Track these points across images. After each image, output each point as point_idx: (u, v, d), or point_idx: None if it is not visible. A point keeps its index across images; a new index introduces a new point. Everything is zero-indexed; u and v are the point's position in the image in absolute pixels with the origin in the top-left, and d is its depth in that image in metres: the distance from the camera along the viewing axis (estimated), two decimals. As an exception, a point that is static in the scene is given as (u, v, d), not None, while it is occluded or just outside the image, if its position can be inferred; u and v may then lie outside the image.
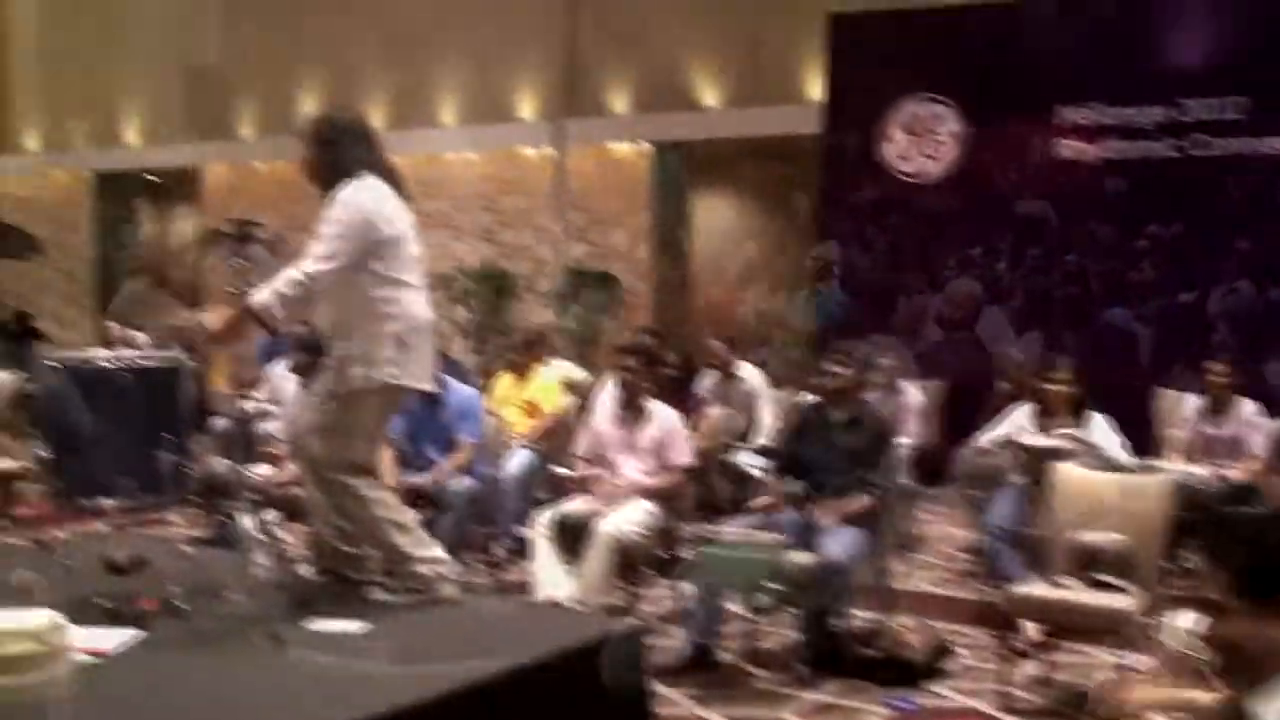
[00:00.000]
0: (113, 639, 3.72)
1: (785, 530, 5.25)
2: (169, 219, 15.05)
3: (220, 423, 8.96)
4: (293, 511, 7.01)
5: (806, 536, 5.27)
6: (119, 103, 14.89)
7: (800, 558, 5.11)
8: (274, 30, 13.31)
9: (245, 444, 8.74)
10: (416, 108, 12.37)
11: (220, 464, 6.47)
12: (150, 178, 14.79)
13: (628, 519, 5.81)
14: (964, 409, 7.90)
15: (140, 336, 9.76)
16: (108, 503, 3.83)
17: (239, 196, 13.21)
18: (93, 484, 3.83)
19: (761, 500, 5.68)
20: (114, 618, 3.86)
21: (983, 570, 6.38)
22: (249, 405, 9.16)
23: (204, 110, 14.05)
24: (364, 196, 4.27)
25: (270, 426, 8.13)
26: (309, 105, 13.26)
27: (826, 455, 5.58)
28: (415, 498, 6.06)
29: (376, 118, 12.73)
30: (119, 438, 3.83)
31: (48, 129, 15.59)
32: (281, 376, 9.56)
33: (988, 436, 6.62)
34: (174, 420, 3.94)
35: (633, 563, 5.85)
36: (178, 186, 14.57)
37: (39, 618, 3.29)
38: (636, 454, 6.13)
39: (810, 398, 6.27)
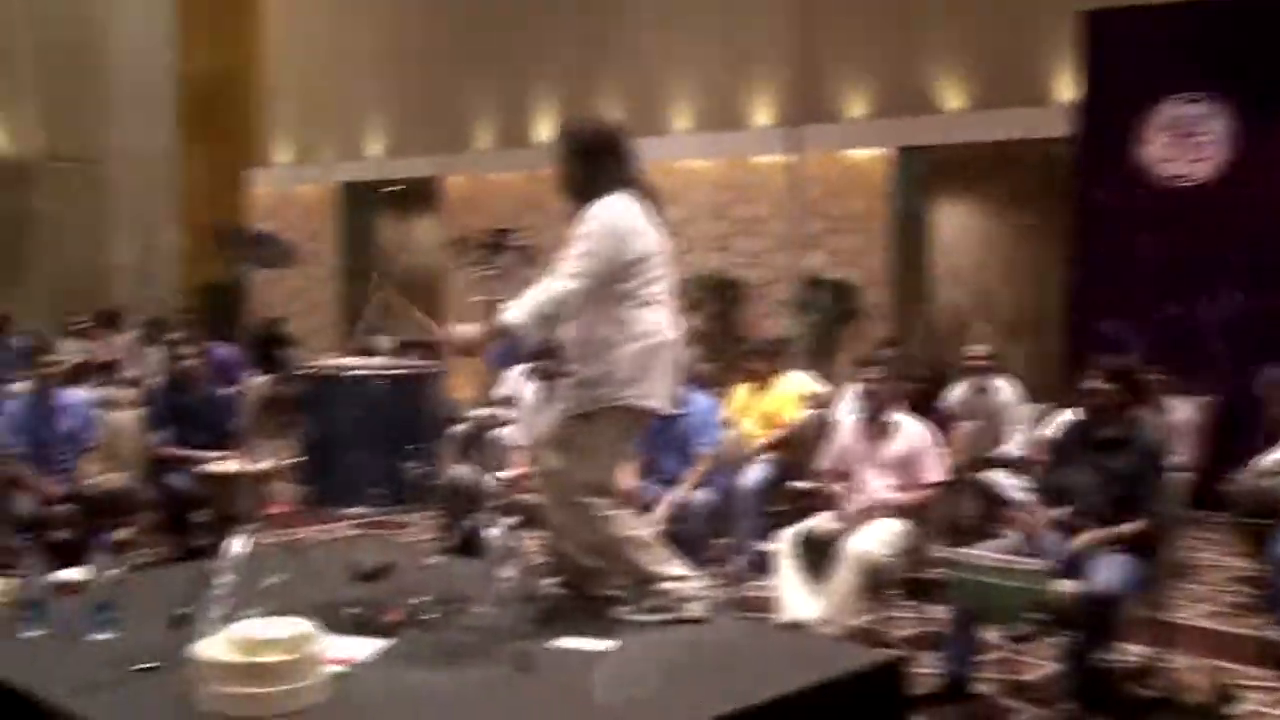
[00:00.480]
0: (361, 649, 3.68)
1: (1048, 556, 4.90)
2: (410, 228, 15.44)
3: (460, 428, 9.06)
4: (531, 518, 7.03)
5: (1072, 564, 4.90)
6: (364, 117, 15.35)
7: (1066, 586, 4.75)
8: (509, 43, 13.49)
9: (485, 449, 8.83)
10: (650, 116, 12.32)
11: (462, 471, 6.48)
12: (392, 188, 15.18)
13: (875, 537, 5.55)
14: (1238, 429, 7.31)
15: (386, 344, 9.95)
16: (356, 510, 3.79)
17: (475, 207, 13.43)
18: (341, 491, 3.80)
19: (1021, 522, 5.32)
20: (361, 627, 3.83)
21: (1264, 605, 5.86)
22: (487, 410, 9.25)
23: (444, 123, 14.35)
24: (615, 214, 4.16)
25: (508, 431, 8.14)
26: (543, 116, 13.41)
27: (1092, 477, 5.18)
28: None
29: (611, 126, 12.76)
30: (368, 445, 3.78)
31: (298, 143, 16.22)
32: (520, 380, 9.63)
33: (1269, 458, 6.09)
34: (422, 428, 3.88)
35: (880, 584, 5.58)
36: (418, 197, 14.92)
37: (293, 627, 3.26)
38: (882, 469, 5.86)
39: (1071, 414, 5.87)
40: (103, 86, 16.19)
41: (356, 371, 3.85)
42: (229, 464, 6.73)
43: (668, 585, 4.19)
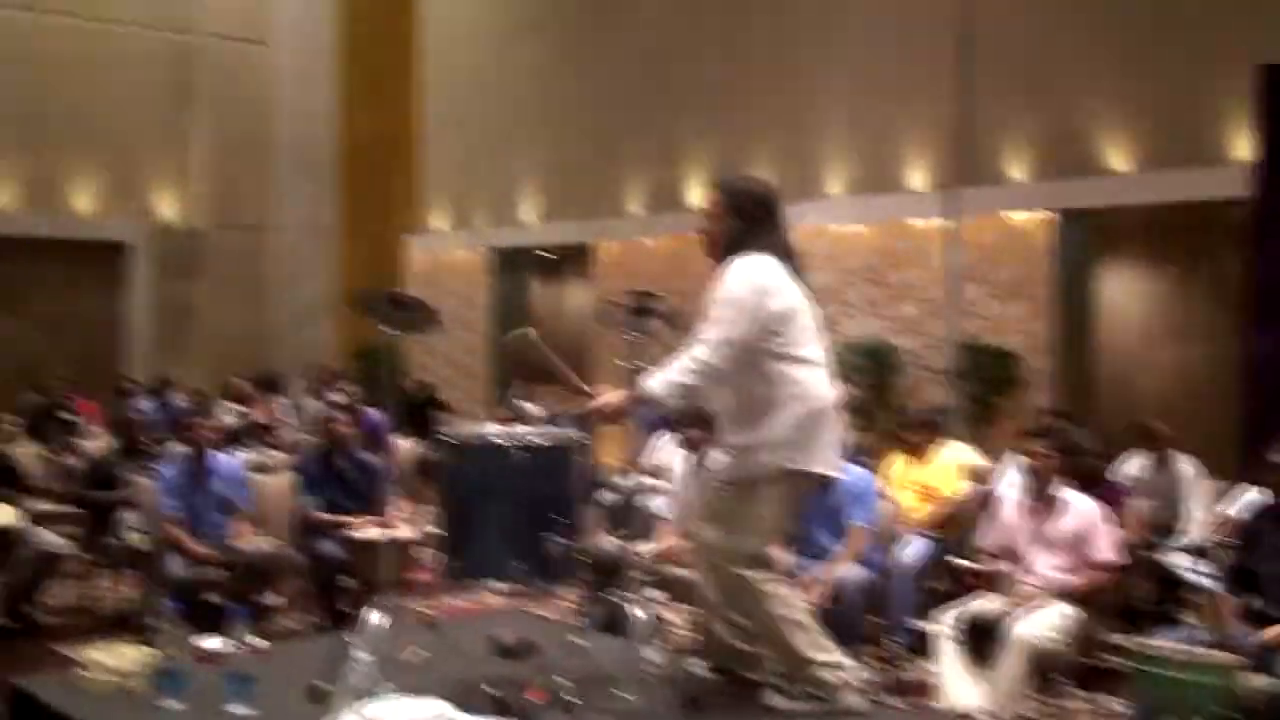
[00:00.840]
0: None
1: (1237, 648, 4.53)
2: (563, 294, 15.50)
3: (607, 497, 8.93)
4: (680, 594, 6.83)
5: (1264, 658, 4.52)
6: (518, 182, 15.51)
7: (1258, 682, 4.38)
8: (662, 108, 13.50)
9: (631, 520, 8.68)
10: (803, 179, 12.16)
11: (608, 542, 6.32)
12: (544, 254, 15.29)
13: (1044, 622, 5.23)
14: None
15: (534, 410, 9.92)
16: (498, 585, 3.66)
17: (627, 272, 13.39)
18: (481, 563, 3.67)
19: (1206, 610, 4.95)
20: (502, 708, 3.68)
21: None
22: (634, 480, 9.11)
23: (596, 188, 14.40)
24: (754, 271, 4.02)
25: (656, 503, 7.98)
26: (695, 180, 13.35)
27: (1286, 563, 4.80)
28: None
29: (763, 191, 12.63)
30: (511, 517, 3.65)
31: (454, 209, 16.45)
32: (667, 449, 9.48)
33: None
34: (566, 500, 3.73)
35: (1048, 672, 5.25)
36: (570, 262, 14.98)
37: (429, 708, 3.13)
38: (1050, 548, 5.54)
39: (1258, 493, 5.48)
40: (267, 156, 16.70)
41: (499, 440, 3.73)
42: (374, 530, 6.70)
43: (823, 672, 3.96)
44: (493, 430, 3.87)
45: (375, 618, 3.73)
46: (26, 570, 7.08)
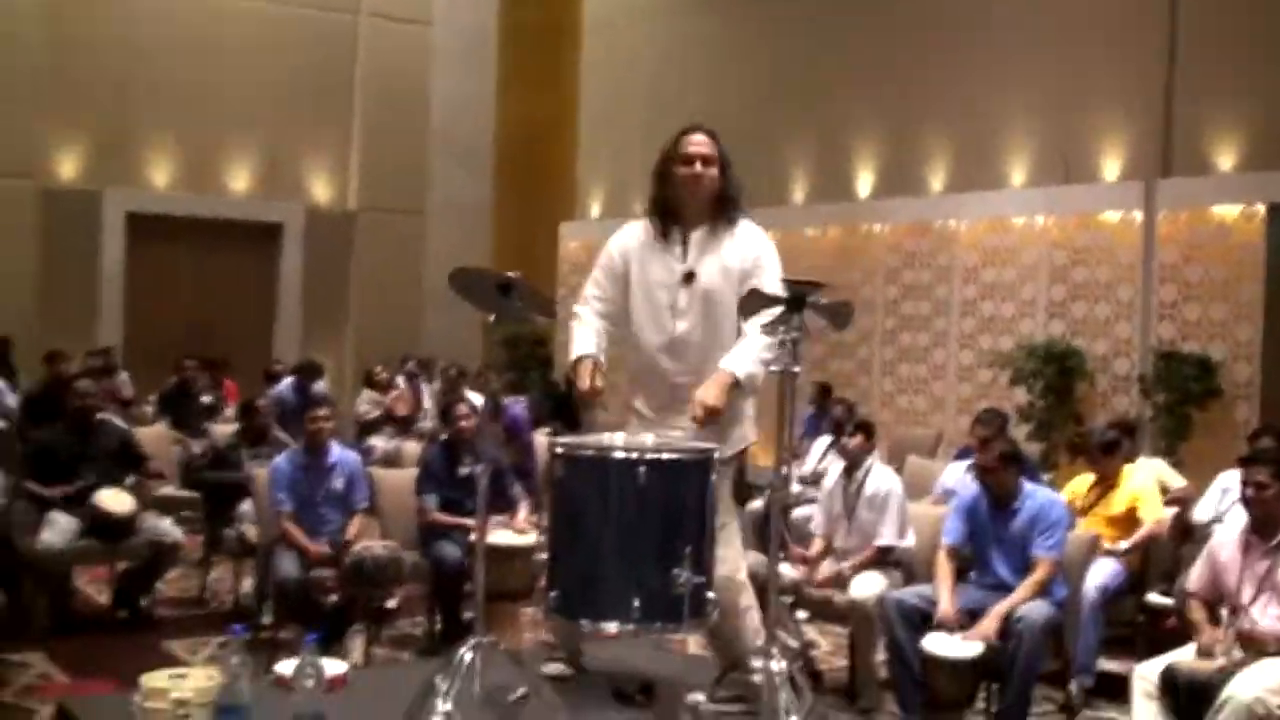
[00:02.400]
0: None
1: None
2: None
3: (755, 504, 8.26)
4: (824, 613, 6.15)
5: None
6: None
7: None
8: (829, 94, 12.75)
9: (781, 532, 8.01)
10: (981, 168, 11.29)
11: (751, 558, 5.64)
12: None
13: (1265, 682, 4.38)
14: None
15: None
16: (609, 627, 3.03)
17: (790, 263, 12.58)
18: (594, 601, 3.04)
19: None
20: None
21: None
22: (788, 488, 8.42)
23: (759, 177, 13.71)
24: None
25: (806, 513, 7.29)
26: (863, 169, 12.57)
27: None
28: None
29: (935, 179, 11.81)
30: (630, 546, 3.02)
31: (609, 196, 15.94)
32: (823, 455, 8.76)
33: None
34: (699, 526, 3.08)
35: (1272, 742, 4.41)
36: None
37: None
38: (1274, 593, 4.68)
39: None
40: (422, 140, 16.43)
41: (622, 453, 3.09)
42: (501, 535, 6.16)
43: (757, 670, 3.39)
44: (616, 439, 3.23)
45: (467, 652, 3.13)
46: (140, 560, 6.74)
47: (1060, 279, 10.56)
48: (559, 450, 3.14)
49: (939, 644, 4.98)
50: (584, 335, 3.77)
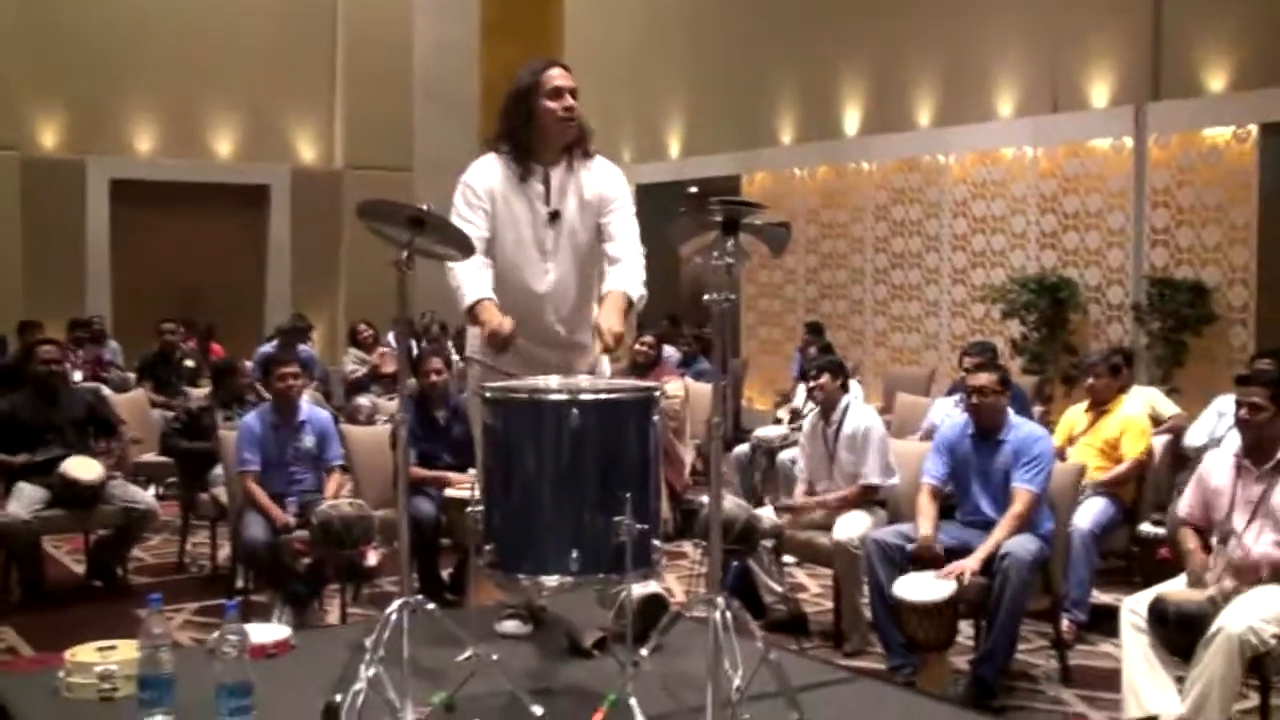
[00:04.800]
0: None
1: None
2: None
3: (742, 448, 8.13)
4: (810, 556, 6.01)
5: None
6: (664, 116, 14.71)
7: None
8: (813, 31, 12.50)
9: (767, 475, 7.86)
10: (968, 100, 11.05)
11: (732, 502, 5.50)
12: (689, 190, 14.46)
13: (1259, 612, 4.23)
14: None
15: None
16: (549, 580, 2.87)
17: (779, 204, 12.45)
18: (532, 553, 2.89)
19: None
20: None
21: None
22: (774, 430, 8.28)
23: (745, 119, 13.50)
24: None
25: (791, 455, 7.14)
26: (850, 107, 12.33)
27: None
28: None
29: (922, 114, 11.56)
30: (568, 494, 2.86)
31: (597, 144, 15.65)
32: (808, 396, 8.60)
33: None
34: (639, 471, 2.92)
35: (1265, 671, 4.26)
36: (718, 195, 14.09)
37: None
38: (1267, 519, 4.51)
39: None
40: (407, 96, 16.16)
41: (556, 396, 2.92)
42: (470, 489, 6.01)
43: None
44: (551, 381, 3.06)
45: (394, 616, 2.98)
46: (113, 528, 6.61)
47: (1051, 209, 10.36)
48: (488, 395, 2.97)
49: (908, 588, 4.82)
50: (474, 276, 3.54)
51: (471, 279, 3.53)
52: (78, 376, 9.23)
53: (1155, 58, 9.72)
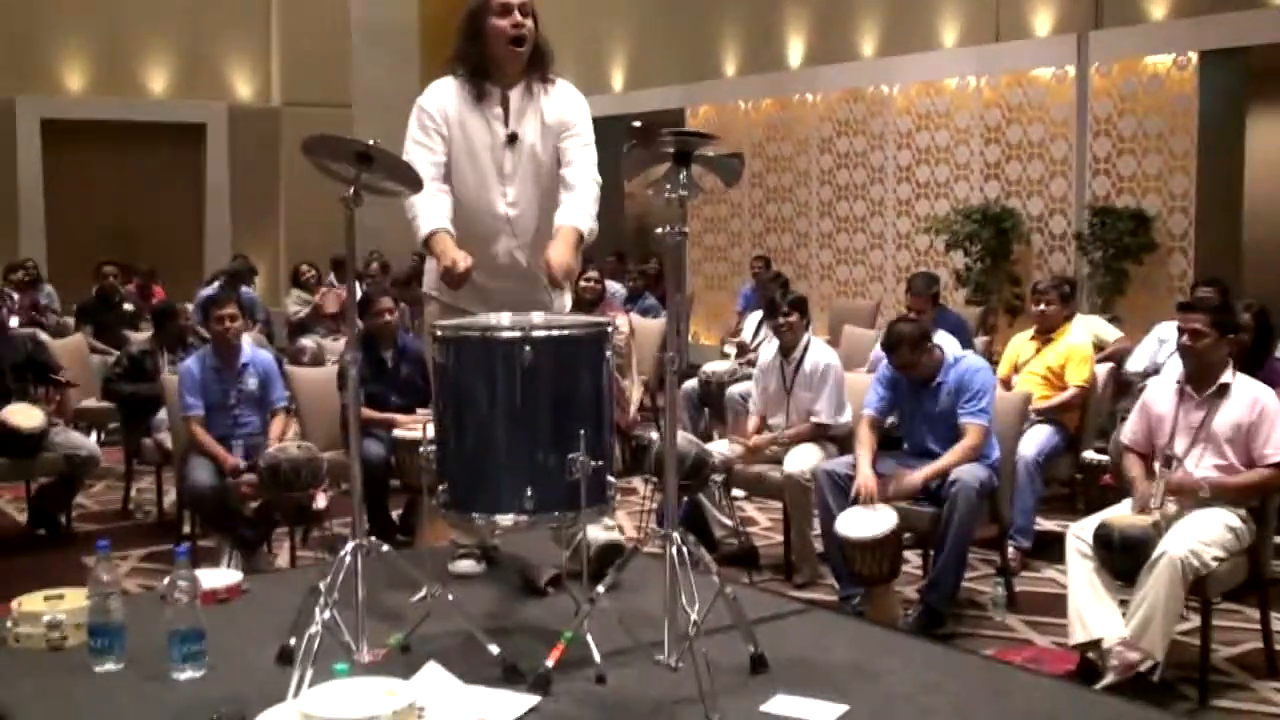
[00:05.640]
0: (502, 710, 2.75)
1: None
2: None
3: (690, 384, 8.12)
4: (760, 489, 6.04)
5: None
6: (606, 48, 14.56)
7: None
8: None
9: (717, 410, 7.87)
10: (912, 30, 11.01)
11: (683, 438, 5.50)
12: (634, 124, 14.33)
13: (1199, 535, 4.30)
14: None
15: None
16: (503, 520, 2.86)
17: (724, 137, 12.37)
18: (485, 493, 2.87)
19: None
20: (511, 674, 2.92)
21: None
22: (725, 365, 8.28)
23: (688, 51, 13.39)
24: None
25: (744, 389, 7.14)
26: (795, 37, 12.26)
27: None
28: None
29: (866, 44, 11.52)
30: (521, 432, 2.84)
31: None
32: (757, 329, 8.61)
33: None
34: (593, 408, 2.90)
35: (1206, 593, 4.34)
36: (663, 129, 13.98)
37: (394, 696, 2.36)
38: (1208, 444, 4.57)
39: None
40: (343, 29, 15.86)
41: (506, 333, 2.89)
42: (420, 430, 5.97)
43: None
44: (502, 318, 3.03)
45: (348, 558, 2.96)
46: (56, 475, 6.52)
47: (994, 139, 10.38)
48: (439, 333, 2.94)
49: (850, 524, 4.84)
50: (430, 206, 3.45)
51: (428, 209, 3.44)
52: (14, 323, 9.05)
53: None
